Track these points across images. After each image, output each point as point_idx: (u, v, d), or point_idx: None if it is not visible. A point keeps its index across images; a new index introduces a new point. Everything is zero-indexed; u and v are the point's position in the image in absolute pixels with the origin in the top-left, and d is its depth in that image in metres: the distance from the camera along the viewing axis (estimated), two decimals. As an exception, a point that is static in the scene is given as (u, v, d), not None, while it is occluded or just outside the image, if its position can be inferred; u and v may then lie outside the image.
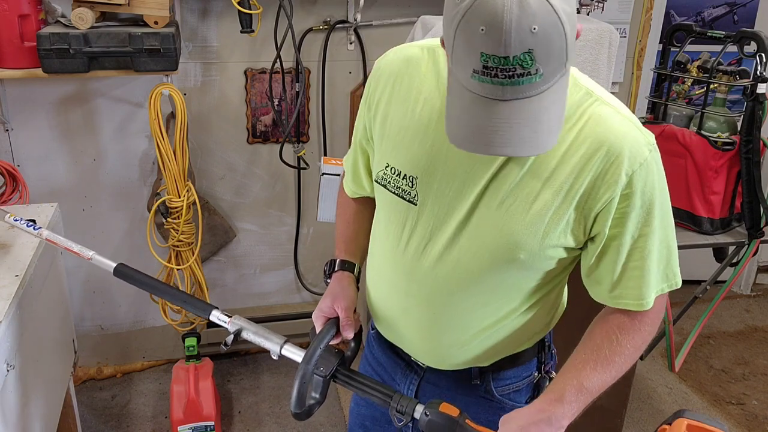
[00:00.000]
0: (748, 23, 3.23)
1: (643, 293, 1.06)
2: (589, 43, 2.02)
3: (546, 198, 1.01)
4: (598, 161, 0.98)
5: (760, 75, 2.04)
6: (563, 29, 0.81)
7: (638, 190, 1.00)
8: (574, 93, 1.00)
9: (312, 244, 2.82)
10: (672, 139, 2.21)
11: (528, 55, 0.80)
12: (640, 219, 1.02)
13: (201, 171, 2.57)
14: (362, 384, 1.15)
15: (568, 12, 0.82)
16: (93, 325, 2.69)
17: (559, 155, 1.00)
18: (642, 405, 2.71)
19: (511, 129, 0.85)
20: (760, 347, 3.14)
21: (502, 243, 1.04)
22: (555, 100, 0.87)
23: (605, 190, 0.99)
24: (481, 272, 1.07)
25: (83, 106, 2.36)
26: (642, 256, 1.04)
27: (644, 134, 1.01)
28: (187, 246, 2.34)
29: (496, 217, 1.03)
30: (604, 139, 0.99)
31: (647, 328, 1.09)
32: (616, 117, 1.01)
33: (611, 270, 1.06)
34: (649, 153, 1.00)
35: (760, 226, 2.18)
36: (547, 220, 1.01)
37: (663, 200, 1.04)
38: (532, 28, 0.79)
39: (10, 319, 1.38)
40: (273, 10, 2.33)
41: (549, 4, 0.80)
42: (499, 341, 1.16)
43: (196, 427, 2.32)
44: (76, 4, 1.96)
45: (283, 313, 2.85)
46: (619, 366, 1.08)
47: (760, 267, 3.60)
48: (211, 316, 1.30)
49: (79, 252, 1.41)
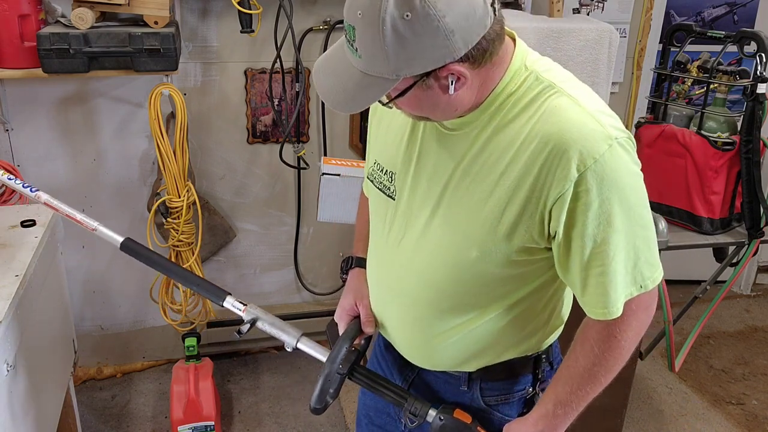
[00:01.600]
0: (748, 23, 3.23)
1: (608, 300, 1.00)
2: (589, 43, 2.02)
3: (500, 195, 1.00)
4: (549, 155, 0.95)
5: (760, 75, 2.04)
6: (382, 40, 0.86)
7: (593, 188, 0.93)
8: (534, 88, 0.99)
9: (312, 244, 2.82)
10: (672, 139, 2.21)
11: (351, 28, 0.90)
12: (599, 219, 0.95)
13: (201, 171, 2.57)
14: (377, 383, 1.19)
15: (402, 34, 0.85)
16: (93, 325, 2.69)
17: (513, 151, 0.98)
18: (642, 405, 2.71)
19: (327, 73, 0.96)
20: (760, 347, 3.14)
21: (457, 240, 1.05)
22: (369, 89, 0.92)
23: (555, 186, 0.95)
24: (446, 269, 1.08)
25: (83, 106, 2.36)
26: (604, 260, 0.98)
27: (606, 127, 0.95)
28: (187, 246, 2.34)
29: (455, 214, 1.05)
30: (554, 131, 0.95)
31: (626, 336, 1.03)
32: (572, 109, 0.96)
33: (576, 275, 1.02)
34: (608, 148, 0.93)
35: (760, 226, 2.18)
36: (502, 217, 1.00)
37: (628, 198, 0.96)
38: (358, 13, 0.88)
39: (10, 319, 1.38)
40: (273, 10, 2.33)
41: (379, 12, 0.84)
42: (475, 343, 1.15)
43: (196, 427, 2.32)
44: (76, 4, 1.96)
45: (283, 313, 2.84)
46: (602, 376, 1.06)
47: (760, 267, 3.60)
48: (225, 303, 1.30)
49: (83, 221, 1.37)
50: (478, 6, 0.87)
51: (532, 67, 1.01)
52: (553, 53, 2.01)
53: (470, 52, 0.90)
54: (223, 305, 1.30)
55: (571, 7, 2.84)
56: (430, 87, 0.93)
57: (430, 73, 0.91)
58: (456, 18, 0.85)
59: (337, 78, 0.94)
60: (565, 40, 2.00)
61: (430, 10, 0.84)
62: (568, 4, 2.81)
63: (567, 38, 2.00)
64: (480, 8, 0.87)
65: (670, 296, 2.10)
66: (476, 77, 0.95)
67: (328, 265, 2.87)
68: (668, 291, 2.08)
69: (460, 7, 0.85)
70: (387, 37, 0.85)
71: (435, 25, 0.85)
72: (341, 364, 1.18)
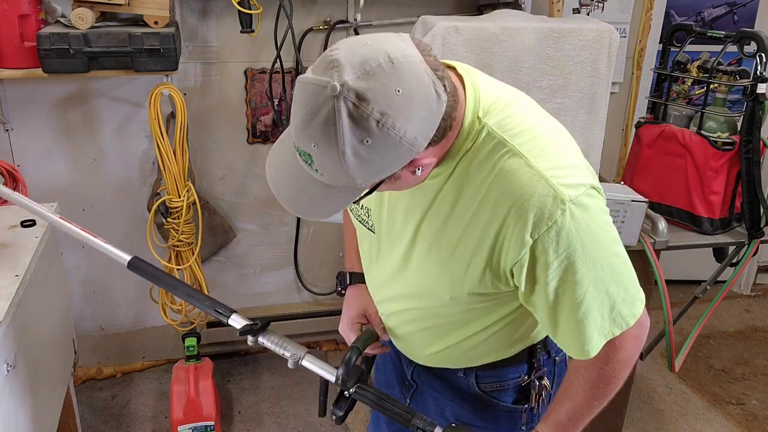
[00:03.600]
0: (748, 23, 3.23)
1: (582, 343, 1.01)
2: (589, 43, 2.02)
3: (463, 251, 1.02)
4: (504, 221, 0.96)
5: (760, 75, 2.04)
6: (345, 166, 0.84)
7: (549, 251, 0.95)
8: (486, 144, 0.98)
9: (312, 244, 2.82)
10: (672, 139, 2.21)
11: (307, 155, 0.86)
12: (560, 277, 0.97)
13: (201, 171, 2.57)
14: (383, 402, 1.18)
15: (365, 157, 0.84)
16: (93, 325, 2.68)
17: (473, 209, 0.99)
18: (642, 405, 2.71)
19: (288, 185, 0.93)
20: (760, 347, 3.14)
21: (430, 284, 1.09)
22: (338, 196, 0.91)
23: (512, 251, 0.97)
24: (424, 302, 1.14)
25: (83, 106, 2.35)
26: (572, 308, 0.99)
27: (558, 190, 0.93)
28: (187, 246, 2.34)
29: (428, 259, 1.08)
30: (507, 198, 0.95)
31: (615, 368, 1.05)
32: (524, 173, 0.95)
33: (545, 321, 1.04)
34: (561, 213, 0.93)
35: (760, 226, 2.18)
36: (467, 271, 1.03)
37: (590, 254, 0.96)
38: (312, 145, 0.84)
39: (10, 319, 1.38)
40: (273, 10, 2.33)
41: (337, 144, 0.82)
42: (462, 354, 1.20)
43: (196, 427, 2.32)
44: (76, 4, 1.96)
45: (283, 313, 2.84)
46: (599, 403, 1.08)
47: (760, 267, 3.60)
48: (230, 321, 1.29)
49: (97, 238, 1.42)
50: (432, 101, 0.86)
51: (485, 118, 0.98)
52: (553, 53, 2.01)
53: (432, 139, 0.90)
54: (229, 323, 1.29)
55: (571, 7, 2.84)
56: (399, 177, 0.94)
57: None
58: (416, 126, 0.85)
59: (301, 190, 0.92)
60: (565, 40, 2.00)
61: (389, 131, 0.82)
62: (568, 4, 2.81)
63: (567, 38, 2.00)
64: (434, 102, 0.86)
65: (670, 296, 2.10)
66: (436, 152, 0.96)
67: (328, 265, 2.87)
68: (668, 291, 2.08)
69: (417, 115, 0.84)
70: (350, 162, 0.84)
71: (397, 142, 0.84)
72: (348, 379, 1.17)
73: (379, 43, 0.85)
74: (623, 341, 1.03)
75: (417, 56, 0.86)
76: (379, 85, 0.82)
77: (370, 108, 0.81)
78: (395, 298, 1.20)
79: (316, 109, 0.82)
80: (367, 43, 0.85)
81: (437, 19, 1.95)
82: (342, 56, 0.83)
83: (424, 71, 0.85)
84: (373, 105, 0.81)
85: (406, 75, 0.83)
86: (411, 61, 0.84)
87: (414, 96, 0.83)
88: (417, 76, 0.84)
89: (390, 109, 0.82)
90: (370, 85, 0.81)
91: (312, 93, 0.83)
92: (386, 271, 1.17)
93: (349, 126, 0.81)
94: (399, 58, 0.83)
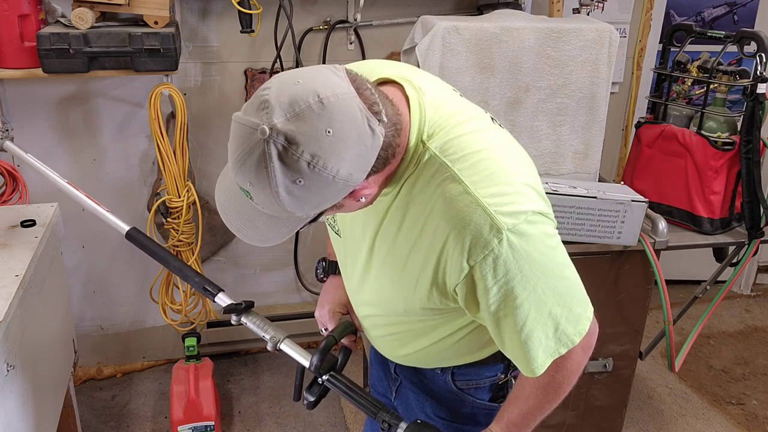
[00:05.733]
0: (748, 23, 3.23)
1: (528, 362, 1.03)
2: (589, 43, 2.02)
3: (411, 269, 1.04)
4: (444, 247, 0.97)
5: (760, 75, 2.04)
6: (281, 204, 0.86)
7: (488, 277, 0.96)
8: (429, 168, 0.98)
9: (312, 244, 2.82)
10: (672, 139, 2.21)
11: (245, 191, 0.88)
12: (500, 301, 0.98)
13: (201, 171, 2.57)
14: (352, 392, 1.21)
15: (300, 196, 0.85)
16: (93, 325, 2.69)
17: (417, 230, 1.01)
18: (642, 405, 2.71)
19: (229, 206, 0.95)
20: (760, 347, 3.14)
21: (386, 295, 1.13)
22: (283, 226, 0.93)
23: (451, 276, 0.99)
24: (383, 309, 1.17)
25: (83, 106, 2.36)
26: (515, 330, 1.00)
27: (495, 218, 0.93)
28: (187, 246, 2.34)
29: (382, 273, 1.11)
30: (446, 224, 0.96)
31: (564, 374, 1.06)
32: (462, 200, 0.94)
33: (493, 335, 1.06)
34: (497, 242, 0.93)
35: (760, 226, 2.18)
36: (416, 288, 1.05)
37: (529, 280, 0.96)
38: (248, 183, 0.86)
39: (10, 319, 1.38)
40: (273, 10, 2.33)
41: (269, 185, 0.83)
42: (431, 356, 1.23)
43: (196, 427, 2.32)
44: (76, 4, 1.96)
45: (283, 313, 2.84)
46: (549, 405, 1.10)
47: (760, 267, 3.60)
48: (216, 299, 1.36)
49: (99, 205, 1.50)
50: (365, 138, 0.86)
51: (429, 142, 0.98)
52: (553, 53, 2.01)
53: (372, 170, 0.90)
54: (215, 301, 1.37)
55: (571, 7, 2.84)
56: (342, 206, 0.95)
57: None
58: (350, 164, 0.85)
59: (246, 219, 0.94)
60: (565, 40, 2.00)
61: (321, 172, 0.83)
62: (568, 4, 2.81)
63: (567, 38, 2.00)
64: (368, 138, 0.86)
65: (670, 296, 2.10)
66: (380, 177, 0.97)
67: (328, 265, 2.87)
68: (668, 291, 2.08)
69: (350, 153, 0.85)
70: (285, 200, 0.85)
71: (330, 180, 0.85)
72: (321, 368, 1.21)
73: (311, 81, 0.85)
74: (571, 353, 1.04)
75: (350, 92, 0.86)
76: (309, 127, 0.82)
77: (300, 151, 0.82)
78: (363, 303, 1.23)
79: (249, 150, 0.83)
80: (298, 82, 0.85)
81: (437, 19, 1.95)
82: (272, 97, 0.83)
83: (357, 108, 0.85)
84: (303, 147, 0.82)
85: (337, 115, 0.83)
86: (343, 99, 0.84)
87: (345, 135, 0.83)
88: (348, 114, 0.84)
89: (320, 151, 0.82)
90: (299, 127, 0.82)
91: (244, 134, 0.84)
92: (354, 275, 1.20)
93: (280, 168, 0.82)
94: (329, 97, 0.83)
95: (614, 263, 2.04)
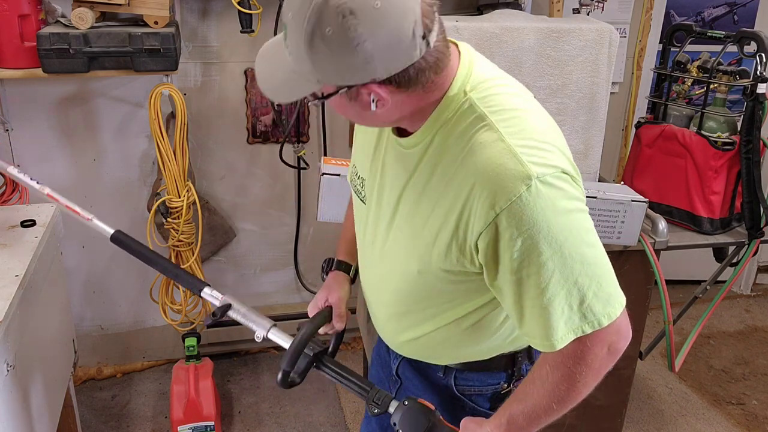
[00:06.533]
0: (748, 23, 3.23)
1: (547, 333, 0.98)
2: (589, 43, 2.02)
3: (434, 221, 1.03)
4: (471, 194, 0.96)
5: (760, 75, 2.04)
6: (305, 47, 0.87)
7: (512, 227, 0.93)
8: (466, 117, 0.99)
9: (312, 244, 2.82)
10: (672, 139, 2.21)
11: (285, 26, 0.91)
12: (523, 257, 0.95)
13: (201, 171, 2.57)
14: (342, 374, 1.22)
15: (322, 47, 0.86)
16: (93, 325, 2.69)
17: (446, 180, 1.00)
18: (642, 405, 2.71)
19: (266, 58, 0.98)
20: (760, 347, 3.14)
21: (404, 253, 1.11)
22: (296, 85, 0.94)
23: (476, 224, 0.97)
24: (398, 277, 1.15)
25: (83, 106, 2.36)
26: (537, 293, 0.96)
27: (526, 166, 0.93)
28: (187, 246, 2.34)
29: (404, 228, 1.10)
30: (475, 170, 0.96)
31: (581, 371, 1.01)
32: (494, 146, 0.95)
33: (511, 307, 1.01)
34: (526, 188, 0.92)
35: (760, 226, 2.18)
36: (435, 241, 1.03)
37: (556, 237, 0.94)
38: (289, 14, 0.89)
39: (10, 319, 1.38)
40: (273, 10, 2.33)
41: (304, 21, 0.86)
42: (436, 345, 1.21)
43: (196, 427, 2.32)
44: (76, 4, 1.96)
45: (283, 313, 2.84)
46: (555, 405, 1.03)
47: (760, 267, 3.60)
48: (202, 294, 1.37)
49: (80, 212, 1.44)
50: (404, 37, 0.87)
51: (471, 93, 1.00)
52: (553, 53, 2.01)
53: (393, 78, 0.90)
54: (201, 295, 1.37)
55: (571, 7, 2.84)
56: (352, 99, 0.95)
57: (351, 87, 0.92)
58: (377, 45, 0.86)
59: (272, 67, 0.96)
60: (565, 40, 2.00)
61: (349, 32, 0.84)
62: (568, 4, 2.81)
63: (567, 38, 2.00)
64: (407, 40, 0.87)
65: (670, 296, 2.10)
66: (403, 101, 0.97)
67: (328, 265, 2.87)
68: (668, 291, 2.08)
69: (382, 37, 0.85)
70: (308, 45, 0.87)
71: (353, 47, 0.85)
72: (311, 345, 1.20)
73: None
74: (595, 342, 0.99)
75: None
76: None
77: (343, 0, 0.84)
78: (377, 278, 1.22)
79: None
80: None
81: (437, 19, 1.95)
82: None
83: (413, 10, 0.87)
84: (349, 2, 0.84)
85: (395, 0, 0.85)
86: None
87: (388, 19, 0.85)
88: (404, 7, 0.86)
89: (361, 14, 0.84)
90: None
91: None
92: (372, 242, 1.19)
93: (318, 8, 0.84)
94: None
95: (614, 263, 1.98)
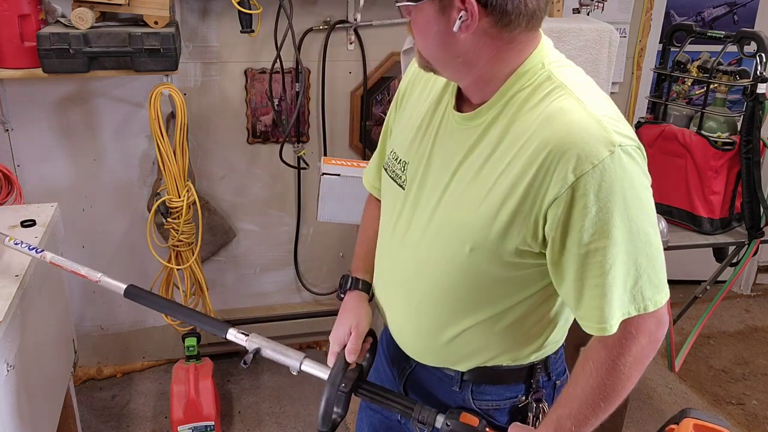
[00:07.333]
0: (748, 23, 3.23)
1: (604, 315, 0.95)
2: (589, 43, 2.02)
3: (497, 193, 0.98)
4: (547, 157, 0.92)
5: (760, 75, 2.04)
6: None
7: (590, 194, 0.90)
8: (545, 87, 0.98)
9: (312, 244, 2.82)
10: (672, 139, 2.21)
11: None
12: (596, 228, 0.91)
13: (201, 171, 2.57)
14: (384, 396, 1.19)
15: None
16: (93, 325, 2.68)
17: (515, 149, 0.97)
18: (642, 405, 2.71)
19: None
20: (760, 347, 3.14)
21: (453, 233, 1.05)
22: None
23: (551, 188, 0.92)
24: (442, 263, 1.08)
25: (83, 106, 2.36)
26: (601, 272, 0.93)
27: (610, 133, 0.90)
28: (187, 246, 2.34)
29: (455, 207, 1.05)
30: (555, 133, 0.92)
31: (625, 361, 0.99)
32: (577, 112, 0.93)
33: (570, 285, 0.98)
34: (609, 154, 0.89)
35: (760, 226, 2.19)
36: (497, 216, 0.98)
37: (630, 209, 0.92)
38: None
39: (10, 319, 1.38)
40: (273, 10, 2.33)
41: None
42: (468, 344, 1.14)
43: (196, 427, 2.32)
44: (76, 4, 1.96)
45: (283, 313, 2.84)
46: (600, 401, 1.01)
47: (760, 267, 3.60)
48: (227, 335, 1.32)
49: (87, 275, 1.43)
50: None
51: (549, 66, 0.99)
52: (553, 53, 2.01)
53: (490, 0, 0.91)
54: (227, 337, 1.32)
55: (571, 7, 2.84)
56: (439, 11, 0.95)
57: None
58: None
59: None
60: (565, 40, 2.00)
61: None
62: (568, 4, 2.81)
63: (567, 38, 2.00)
64: None
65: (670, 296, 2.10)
66: (484, 37, 0.96)
67: (328, 265, 2.87)
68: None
69: None
70: None
71: None
72: (343, 383, 1.17)
73: None
74: (639, 329, 0.97)
75: None
76: None
77: None
78: (411, 270, 1.14)
79: None
80: None
81: (437, 19, 1.95)
82: None
83: None
84: None
85: None
86: None
87: None
88: None
89: None
90: None
91: None
92: (403, 235, 1.14)
93: None
94: None
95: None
